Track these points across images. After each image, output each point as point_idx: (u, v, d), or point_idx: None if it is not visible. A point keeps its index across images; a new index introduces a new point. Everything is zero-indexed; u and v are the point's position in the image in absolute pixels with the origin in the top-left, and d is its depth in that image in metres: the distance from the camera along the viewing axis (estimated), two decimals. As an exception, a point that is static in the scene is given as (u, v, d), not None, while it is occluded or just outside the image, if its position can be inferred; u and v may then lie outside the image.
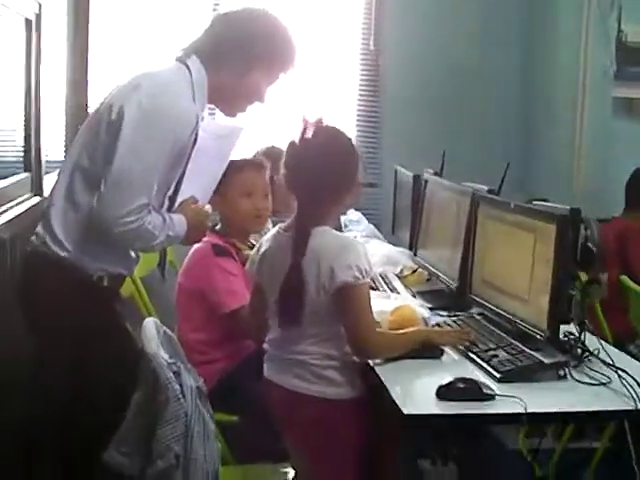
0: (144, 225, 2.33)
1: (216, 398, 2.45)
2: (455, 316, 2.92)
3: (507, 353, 2.43)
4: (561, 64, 4.85)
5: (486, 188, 3.17)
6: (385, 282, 3.43)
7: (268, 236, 2.55)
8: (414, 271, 3.59)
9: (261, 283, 2.53)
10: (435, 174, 3.75)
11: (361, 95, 4.98)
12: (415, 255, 3.61)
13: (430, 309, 2.99)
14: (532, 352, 2.40)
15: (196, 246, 3.03)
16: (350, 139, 2.50)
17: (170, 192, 2.49)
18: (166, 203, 2.51)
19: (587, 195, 4.41)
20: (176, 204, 2.52)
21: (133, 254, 2.59)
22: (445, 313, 2.99)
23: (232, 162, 2.82)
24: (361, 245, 2.42)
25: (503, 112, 5.06)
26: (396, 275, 3.58)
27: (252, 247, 2.85)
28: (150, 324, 2.33)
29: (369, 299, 2.37)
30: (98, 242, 2.41)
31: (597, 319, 3.32)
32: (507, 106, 5.07)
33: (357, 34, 4.92)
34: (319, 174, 2.35)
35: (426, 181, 3.59)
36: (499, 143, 5.04)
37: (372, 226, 4.37)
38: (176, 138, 2.38)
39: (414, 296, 3.23)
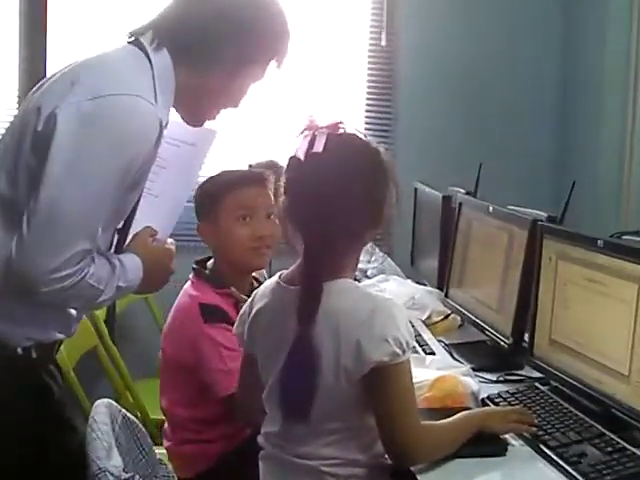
0: (84, 280, 1.72)
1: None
2: (506, 381, 2.32)
3: (599, 450, 1.80)
4: (608, 50, 4.06)
5: (544, 215, 2.48)
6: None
7: (264, 287, 1.85)
8: (446, 317, 2.89)
9: (253, 354, 1.85)
10: (467, 194, 3.07)
11: (370, 99, 4.22)
12: (446, 296, 2.91)
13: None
14: (636, 450, 1.76)
15: (181, 300, 2.40)
16: (379, 152, 1.78)
17: (120, 224, 1.85)
18: (114, 239, 1.86)
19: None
20: (128, 238, 1.88)
21: (73, 311, 1.90)
22: (491, 377, 2.36)
23: (223, 177, 2.39)
24: (397, 306, 1.74)
25: (539, 113, 4.30)
26: (422, 322, 2.88)
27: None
28: (101, 414, 1.75)
29: (411, 381, 1.72)
30: (20, 302, 1.74)
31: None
32: (543, 106, 4.32)
33: (365, 29, 4.19)
34: (334, 205, 1.66)
35: (460, 203, 2.89)
36: (538, 152, 4.31)
37: (388, 258, 3.62)
38: (133, 155, 1.71)
39: (451, 354, 2.55)
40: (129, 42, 1.85)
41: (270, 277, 1.89)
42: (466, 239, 2.81)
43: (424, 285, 3.25)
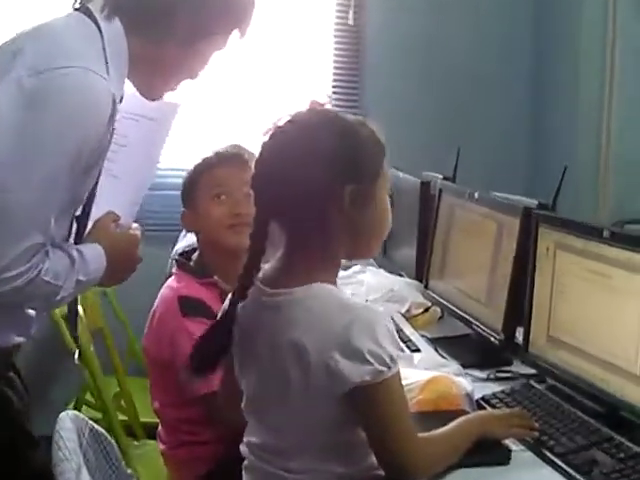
0: (39, 277, 1.56)
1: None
2: (497, 379, 2.18)
3: (610, 456, 1.65)
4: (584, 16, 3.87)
5: (534, 201, 2.34)
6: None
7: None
8: (426, 310, 2.73)
9: (231, 357, 1.66)
10: (445, 179, 2.92)
11: (337, 81, 4.04)
12: (426, 288, 2.76)
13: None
14: (648, 453, 1.60)
15: (162, 293, 2.27)
16: (357, 131, 1.56)
17: (78, 211, 1.71)
18: (72, 229, 1.69)
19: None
20: (89, 226, 1.74)
21: (32, 311, 1.72)
22: (481, 374, 2.22)
23: (200, 159, 2.29)
24: (378, 315, 1.53)
25: (513, 94, 4.15)
26: (402, 315, 2.72)
27: None
28: (66, 429, 1.54)
29: (402, 395, 1.54)
30: None
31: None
32: (517, 79, 4.16)
33: (331, 6, 4.00)
34: (294, 189, 1.49)
35: (440, 190, 2.73)
36: (514, 134, 4.15)
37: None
38: (84, 136, 1.54)
39: (436, 350, 2.40)
40: (76, 9, 1.67)
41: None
42: (447, 227, 2.65)
43: (400, 276, 3.11)
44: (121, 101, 1.70)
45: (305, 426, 1.53)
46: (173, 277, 2.30)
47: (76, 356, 2.52)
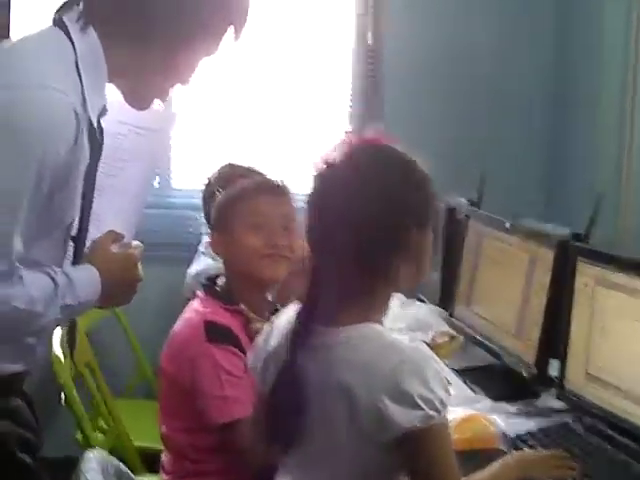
0: (9, 305, 1.48)
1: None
2: (527, 413, 2.11)
3: None
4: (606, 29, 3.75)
5: (567, 231, 2.28)
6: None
7: (281, 320, 1.61)
8: (452, 338, 2.67)
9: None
10: (471, 204, 2.86)
11: (355, 101, 3.96)
12: (451, 316, 2.70)
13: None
14: None
15: (185, 316, 2.20)
16: (415, 164, 1.51)
17: (73, 230, 1.63)
18: (69, 250, 1.63)
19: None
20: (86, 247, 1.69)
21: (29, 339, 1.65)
22: (511, 408, 2.16)
23: (237, 186, 2.24)
24: (427, 356, 1.47)
25: (532, 116, 4.07)
26: (426, 344, 2.65)
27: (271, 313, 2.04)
28: (92, 471, 1.51)
29: (449, 442, 1.47)
30: None
31: None
32: (535, 108, 4.07)
33: (351, 25, 3.92)
34: (349, 225, 1.43)
35: (467, 216, 2.67)
36: (534, 154, 4.06)
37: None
38: (43, 156, 1.46)
39: (465, 383, 2.34)
40: (54, 23, 1.60)
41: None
42: (475, 255, 2.59)
43: (420, 300, 3.05)
44: (104, 112, 1.64)
45: (348, 471, 1.47)
46: (197, 301, 2.24)
47: (62, 398, 2.47)
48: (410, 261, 1.47)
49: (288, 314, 1.60)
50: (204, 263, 2.91)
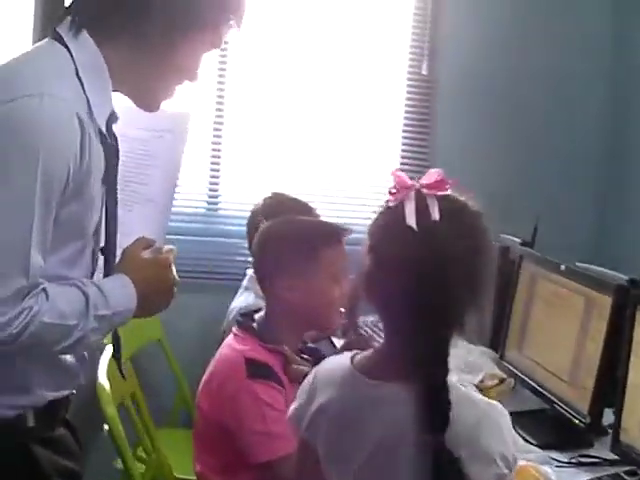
0: (37, 319, 1.46)
1: None
2: (579, 463, 2.05)
3: None
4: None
5: (623, 276, 2.21)
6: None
7: (329, 372, 1.56)
8: (501, 381, 2.59)
9: (313, 447, 1.55)
10: (524, 244, 2.79)
11: (407, 132, 3.90)
12: (501, 358, 2.62)
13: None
14: None
15: (222, 352, 2.15)
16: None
17: (101, 242, 1.63)
18: (99, 262, 1.65)
19: None
20: (118, 255, 1.67)
21: (70, 359, 1.64)
22: (562, 457, 2.10)
23: (313, 228, 2.21)
24: (502, 413, 1.45)
25: (589, 159, 3.97)
26: (475, 386, 2.58)
27: (306, 353, 2.10)
28: None
29: None
30: None
31: None
32: (593, 152, 3.97)
33: (404, 56, 3.88)
34: (444, 286, 1.38)
35: (521, 257, 2.60)
36: (594, 201, 3.96)
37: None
38: (46, 160, 1.44)
39: (515, 429, 2.25)
40: (50, 36, 1.59)
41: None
42: (528, 297, 2.53)
43: (471, 342, 2.97)
44: (114, 119, 1.62)
45: None
46: (234, 338, 2.19)
47: (105, 429, 2.43)
48: (478, 312, 1.47)
49: (333, 365, 1.56)
50: (248, 300, 2.86)
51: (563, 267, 2.32)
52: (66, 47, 1.54)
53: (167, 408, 3.45)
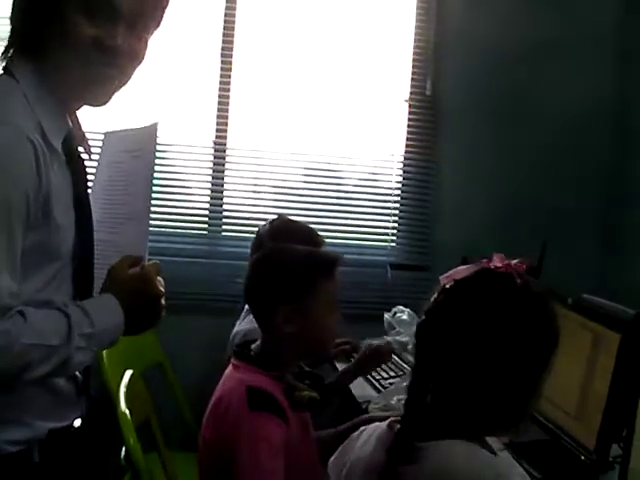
0: (15, 341, 1.45)
1: None
2: None
3: None
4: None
5: (630, 312, 2.19)
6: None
7: (369, 431, 1.59)
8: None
9: None
10: (529, 273, 2.76)
11: (409, 153, 3.89)
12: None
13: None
14: None
15: (225, 383, 2.17)
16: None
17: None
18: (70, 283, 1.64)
19: None
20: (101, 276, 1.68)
21: (62, 382, 1.64)
22: None
23: (310, 256, 2.19)
24: (517, 469, 1.49)
25: (593, 189, 3.96)
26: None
27: (308, 378, 2.15)
28: None
29: None
30: None
31: None
32: (598, 181, 3.97)
33: (407, 75, 3.87)
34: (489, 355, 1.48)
35: (526, 286, 2.57)
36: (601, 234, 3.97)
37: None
38: (4, 187, 1.46)
39: (516, 458, 2.24)
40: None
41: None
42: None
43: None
44: (72, 138, 1.63)
45: None
46: (234, 368, 2.19)
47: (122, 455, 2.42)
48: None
49: (373, 428, 1.58)
50: (253, 323, 2.85)
51: (570, 300, 2.30)
52: (12, 75, 1.57)
53: (169, 431, 3.43)
